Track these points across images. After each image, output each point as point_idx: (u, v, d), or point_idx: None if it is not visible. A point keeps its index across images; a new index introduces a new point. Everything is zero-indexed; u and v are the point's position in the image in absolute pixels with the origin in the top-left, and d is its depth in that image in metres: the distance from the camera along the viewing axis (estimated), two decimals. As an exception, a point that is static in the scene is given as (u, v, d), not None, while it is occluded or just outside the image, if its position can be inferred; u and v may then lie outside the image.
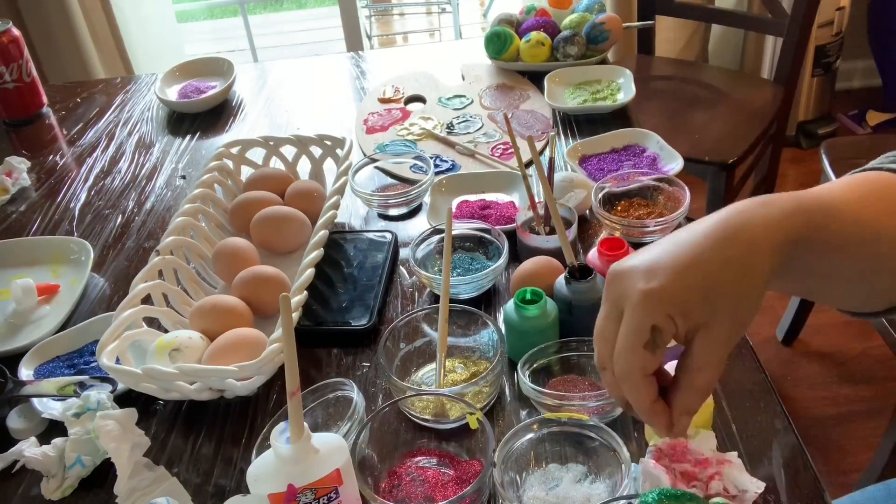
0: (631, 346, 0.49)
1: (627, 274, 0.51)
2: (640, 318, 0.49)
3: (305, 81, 1.49)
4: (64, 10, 2.15)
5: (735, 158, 1.66)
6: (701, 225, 0.51)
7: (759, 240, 0.49)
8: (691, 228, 0.51)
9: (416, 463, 0.71)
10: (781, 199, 0.51)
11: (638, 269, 0.50)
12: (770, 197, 0.52)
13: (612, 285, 0.52)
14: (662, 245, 0.51)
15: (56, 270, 1.05)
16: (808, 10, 1.74)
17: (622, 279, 0.51)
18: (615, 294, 0.51)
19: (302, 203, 1.02)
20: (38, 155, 1.34)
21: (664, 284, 0.48)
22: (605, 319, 0.52)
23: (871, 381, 1.76)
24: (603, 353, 0.52)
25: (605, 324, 0.52)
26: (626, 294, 0.50)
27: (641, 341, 0.49)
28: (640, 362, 0.50)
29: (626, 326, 0.50)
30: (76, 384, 0.80)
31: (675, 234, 0.52)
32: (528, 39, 1.35)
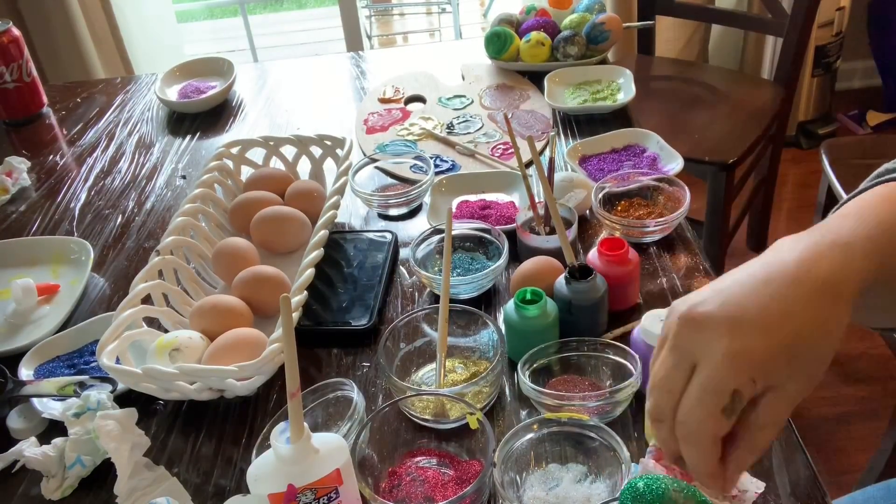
0: (708, 411, 0.45)
1: (706, 324, 0.45)
2: (724, 381, 0.44)
3: (305, 81, 1.49)
4: (64, 10, 2.15)
5: (735, 158, 1.66)
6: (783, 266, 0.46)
7: (844, 293, 0.45)
8: (772, 267, 0.46)
9: (416, 463, 0.71)
10: (857, 241, 0.47)
11: (720, 320, 0.45)
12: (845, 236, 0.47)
13: (685, 333, 0.46)
14: (744, 289, 0.46)
15: (56, 270, 1.05)
16: (808, 10, 1.75)
17: (699, 328, 0.45)
18: (689, 344, 0.46)
19: (302, 203, 1.02)
20: (38, 155, 1.34)
21: (754, 346, 0.44)
22: (673, 370, 0.46)
23: (871, 381, 1.76)
24: (664, 405, 0.47)
25: (670, 374, 0.47)
26: (705, 349, 0.45)
27: (720, 405, 0.44)
28: (715, 428, 0.45)
29: (704, 387, 0.45)
30: (76, 384, 0.80)
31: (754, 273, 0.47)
32: (528, 39, 1.35)
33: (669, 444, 0.48)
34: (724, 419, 0.45)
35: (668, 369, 0.47)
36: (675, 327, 0.47)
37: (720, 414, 0.45)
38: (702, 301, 0.46)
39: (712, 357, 0.44)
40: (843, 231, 0.48)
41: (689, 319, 0.46)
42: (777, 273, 0.46)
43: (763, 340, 0.44)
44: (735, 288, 0.46)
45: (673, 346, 0.47)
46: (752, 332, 0.44)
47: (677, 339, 0.46)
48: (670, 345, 0.47)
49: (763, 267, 0.47)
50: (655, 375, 0.48)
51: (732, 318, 0.45)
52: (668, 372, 0.47)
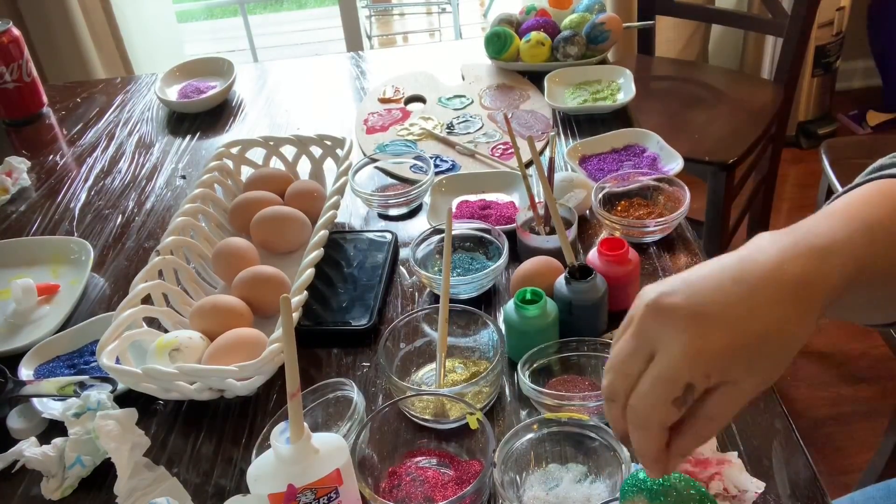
0: (659, 399, 0.45)
1: (670, 315, 0.45)
2: (678, 374, 0.44)
3: (305, 81, 1.49)
4: (64, 10, 2.15)
5: (735, 158, 1.66)
6: (756, 266, 0.46)
7: (814, 298, 0.45)
8: (746, 264, 0.46)
9: (416, 463, 0.71)
10: (836, 244, 0.46)
11: (683, 314, 0.45)
12: (823, 238, 0.47)
13: (649, 321, 0.46)
14: (713, 284, 0.46)
15: (56, 270, 1.05)
16: (808, 10, 1.74)
17: (663, 319, 0.46)
18: (650, 332, 0.46)
19: (302, 203, 1.02)
20: (38, 155, 1.34)
21: (713, 344, 0.44)
22: (631, 355, 0.47)
23: (871, 381, 1.76)
24: (617, 386, 0.48)
25: (629, 358, 0.47)
26: (666, 340, 0.45)
27: (672, 396, 0.45)
28: (664, 417, 0.46)
29: (658, 377, 0.45)
30: (76, 384, 0.80)
31: (727, 268, 0.46)
32: (528, 39, 1.35)
33: (619, 423, 0.49)
34: (674, 409, 0.46)
35: (627, 353, 0.47)
36: (641, 313, 0.47)
37: (671, 404, 0.45)
38: (670, 291, 0.46)
39: (671, 349, 0.45)
40: (823, 232, 0.47)
41: (654, 308, 0.46)
42: (749, 272, 0.46)
43: (724, 339, 0.44)
44: (705, 282, 0.46)
45: (635, 331, 0.47)
46: (714, 330, 0.44)
47: (640, 325, 0.47)
48: (633, 330, 0.47)
49: (737, 262, 0.47)
50: (615, 357, 0.48)
51: (696, 313, 0.45)
52: (626, 356, 0.47)
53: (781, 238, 0.47)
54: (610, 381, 0.49)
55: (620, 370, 0.48)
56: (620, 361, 0.48)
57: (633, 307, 0.49)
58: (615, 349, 0.49)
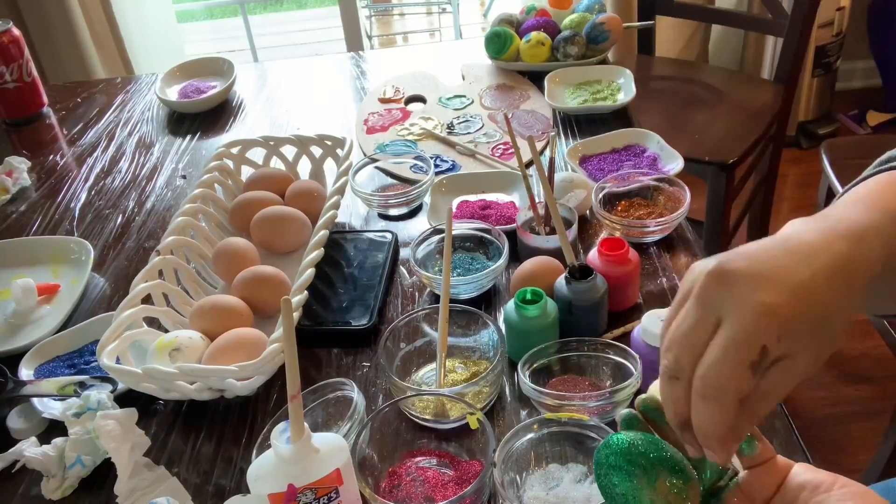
0: (735, 364, 0.43)
1: (737, 279, 0.44)
2: (755, 334, 0.43)
3: (305, 81, 1.49)
4: (64, 10, 2.15)
5: (735, 158, 1.66)
6: (803, 241, 0.46)
7: (858, 278, 0.45)
8: (792, 241, 0.46)
9: (417, 463, 0.71)
10: (869, 231, 0.47)
11: (752, 276, 0.44)
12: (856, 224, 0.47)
13: (713, 287, 0.44)
14: (771, 254, 0.45)
15: (56, 270, 1.05)
16: (808, 10, 1.74)
17: (729, 283, 0.44)
18: (717, 298, 0.44)
19: (302, 203, 1.02)
20: (38, 155, 1.34)
21: (785, 303, 0.43)
22: (697, 324, 0.44)
23: (871, 381, 1.76)
24: (683, 362, 0.45)
25: (691, 330, 0.45)
26: (736, 301, 0.43)
27: (749, 360, 0.43)
28: (739, 382, 0.43)
29: (732, 339, 0.43)
30: (76, 384, 0.80)
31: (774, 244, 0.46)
32: (529, 39, 1.35)
33: (681, 404, 0.46)
34: (750, 375, 0.43)
35: (690, 324, 0.45)
36: (703, 281, 0.45)
37: (747, 369, 0.43)
38: (730, 259, 0.45)
39: (743, 310, 0.43)
40: (854, 219, 0.48)
41: (718, 274, 0.44)
42: (797, 244, 0.45)
43: (793, 301, 0.43)
44: (762, 252, 0.45)
45: (698, 300, 0.45)
46: (784, 291, 0.43)
47: (704, 292, 0.44)
48: (696, 300, 0.45)
49: (784, 241, 0.46)
50: (676, 331, 0.46)
51: (764, 275, 0.44)
52: (690, 327, 0.45)
53: (818, 223, 0.47)
54: (674, 357, 0.46)
55: (684, 343, 0.45)
56: (683, 334, 0.45)
57: (687, 281, 0.47)
58: (674, 325, 0.46)
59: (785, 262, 0.44)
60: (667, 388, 0.47)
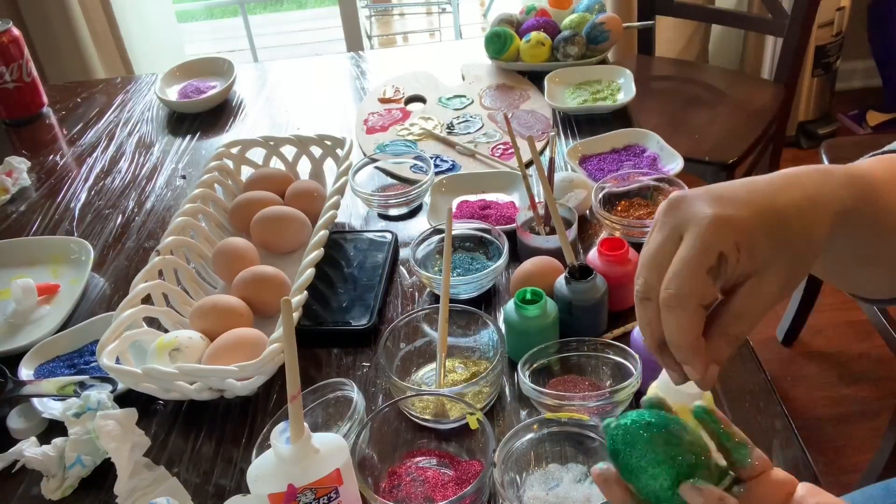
0: (694, 269, 0.45)
1: (693, 199, 0.47)
2: (709, 241, 0.45)
3: (305, 81, 1.49)
4: (64, 10, 2.15)
5: (735, 158, 1.66)
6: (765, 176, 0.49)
7: (823, 203, 0.48)
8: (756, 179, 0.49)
9: (416, 463, 0.71)
10: (837, 171, 0.50)
11: (705, 196, 0.47)
12: (827, 167, 0.50)
13: (672, 210, 0.48)
14: (727, 182, 0.49)
15: (56, 270, 1.05)
16: (808, 10, 1.74)
17: (686, 204, 0.47)
18: (675, 219, 0.47)
19: (302, 203, 1.02)
20: (38, 155, 1.34)
21: (737, 212, 0.46)
22: (660, 246, 0.47)
23: (871, 381, 1.76)
24: (652, 281, 0.47)
25: (658, 250, 0.47)
26: (692, 217, 0.46)
27: (707, 264, 0.45)
28: (701, 288, 0.45)
29: (690, 249, 0.45)
30: (76, 384, 0.80)
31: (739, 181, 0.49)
32: (529, 39, 1.35)
33: (654, 325, 0.48)
34: (709, 281, 0.45)
35: (655, 247, 0.48)
36: (664, 207, 0.48)
37: (705, 274, 0.45)
38: (692, 190, 0.49)
39: (699, 221, 0.45)
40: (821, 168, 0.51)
41: (676, 199, 0.48)
42: (761, 180, 0.49)
43: (747, 210, 0.46)
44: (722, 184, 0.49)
45: (661, 223, 0.48)
46: (738, 203, 0.46)
47: (664, 217, 0.48)
48: (658, 224, 0.48)
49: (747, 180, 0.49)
50: (644, 256, 0.48)
51: (718, 194, 0.47)
52: (654, 249, 0.48)
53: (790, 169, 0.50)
54: (643, 280, 0.48)
55: (651, 264, 0.47)
56: (649, 256, 0.48)
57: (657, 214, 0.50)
58: (644, 250, 0.49)
59: (736, 185, 0.48)
60: (641, 311, 0.49)
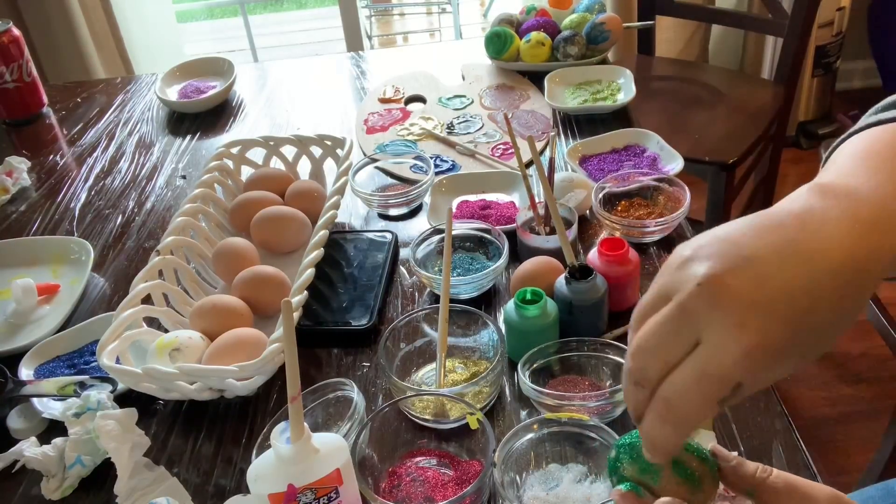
0: (705, 399, 0.39)
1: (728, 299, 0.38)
2: (732, 372, 0.38)
3: (305, 81, 1.49)
4: (64, 10, 2.15)
5: (735, 158, 1.66)
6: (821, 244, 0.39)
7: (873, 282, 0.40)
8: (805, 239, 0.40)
9: (417, 463, 0.71)
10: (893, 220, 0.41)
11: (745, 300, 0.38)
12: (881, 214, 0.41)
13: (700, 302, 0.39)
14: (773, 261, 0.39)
15: (56, 270, 1.05)
16: (808, 10, 1.74)
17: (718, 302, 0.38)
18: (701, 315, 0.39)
19: (302, 203, 1.02)
20: (38, 155, 1.34)
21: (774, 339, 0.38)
22: (673, 338, 0.40)
23: (871, 381, 1.76)
24: (651, 373, 0.41)
25: (667, 341, 0.40)
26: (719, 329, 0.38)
27: (720, 396, 0.39)
28: (704, 414, 0.40)
29: (707, 373, 0.39)
30: (76, 384, 0.80)
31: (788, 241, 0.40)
32: (529, 39, 1.35)
33: (641, 408, 0.42)
34: (717, 408, 0.40)
35: (665, 335, 0.40)
36: (690, 291, 0.39)
37: (716, 403, 0.39)
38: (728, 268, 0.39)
39: (725, 343, 0.38)
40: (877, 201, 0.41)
41: (710, 288, 0.39)
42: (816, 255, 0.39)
43: (785, 335, 0.38)
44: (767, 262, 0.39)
45: (681, 310, 0.39)
46: (776, 324, 0.38)
47: (688, 304, 0.39)
48: (677, 308, 0.39)
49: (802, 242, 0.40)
50: (649, 335, 0.40)
51: (759, 304, 0.38)
52: (666, 337, 0.40)
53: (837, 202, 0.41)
54: (641, 364, 0.41)
55: (656, 353, 0.40)
56: (657, 344, 0.40)
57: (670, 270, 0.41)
58: (649, 327, 0.41)
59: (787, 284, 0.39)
60: (629, 392, 0.43)
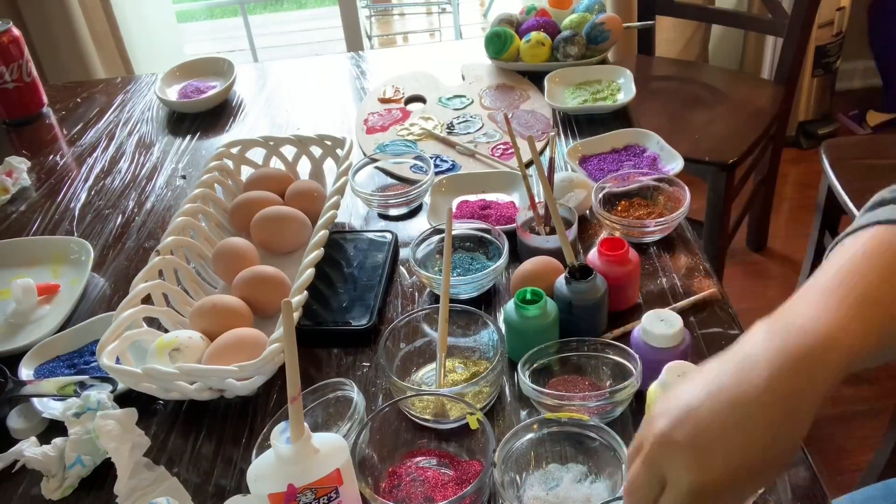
0: None
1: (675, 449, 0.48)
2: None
3: (305, 81, 1.49)
4: (64, 10, 2.15)
5: (735, 158, 1.66)
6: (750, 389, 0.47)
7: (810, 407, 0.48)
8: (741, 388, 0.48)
9: (417, 463, 0.71)
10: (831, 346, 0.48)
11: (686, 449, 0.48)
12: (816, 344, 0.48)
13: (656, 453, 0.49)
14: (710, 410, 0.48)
15: (56, 270, 1.05)
16: (808, 10, 1.75)
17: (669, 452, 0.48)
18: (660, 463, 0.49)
19: (302, 203, 1.02)
20: (38, 155, 1.34)
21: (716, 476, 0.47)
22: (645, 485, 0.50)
23: (871, 381, 1.76)
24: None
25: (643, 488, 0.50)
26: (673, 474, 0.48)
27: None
28: None
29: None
30: (76, 384, 0.80)
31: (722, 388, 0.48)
32: (529, 39, 1.35)
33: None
34: None
35: (641, 482, 0.50)
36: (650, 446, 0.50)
37: None
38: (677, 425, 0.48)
39: (678, 485, 0.48)
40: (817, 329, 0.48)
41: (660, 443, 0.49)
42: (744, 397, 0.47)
43: (725, 471, 0.47)
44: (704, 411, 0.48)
45: (646, 462, 0.50)
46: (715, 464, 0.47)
47: (650, 457, 0.50)
48: (644, 460, 0.50)
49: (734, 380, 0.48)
50: (631, 484, 0.51)
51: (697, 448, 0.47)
52: (641, 485, 0.50)
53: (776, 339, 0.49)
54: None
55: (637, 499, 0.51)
56: (636, 490, 0.51)
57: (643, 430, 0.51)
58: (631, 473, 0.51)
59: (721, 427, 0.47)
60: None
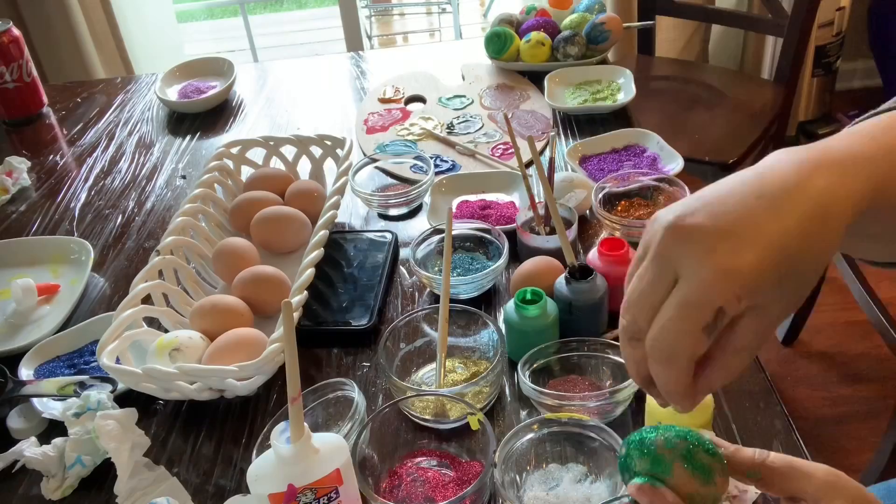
0: (688, 327, 0.41)
1: (695, 235, 0.41)
2: (710, 297, 0.41)
3: (305, 81, 1.49)
4: (64, 10, 2.15)
5: (735, 158, 1.66)
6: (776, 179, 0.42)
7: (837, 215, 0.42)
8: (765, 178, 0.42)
9: (417, 463, 0.71)
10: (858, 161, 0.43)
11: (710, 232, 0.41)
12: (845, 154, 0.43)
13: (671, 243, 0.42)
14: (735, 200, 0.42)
15: (56, 270, 1.04)
16: (808, 10, 1.74)
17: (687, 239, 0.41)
18: (672, 255, 0.42)
19: (302, 203, 1.02)
20: (38, 155, 1.34)
21: (745, 261, 0.40)
22: (654, 283, 0.42)
23: (871, 381, 1.76)
24: (641, 321, 0.43)
25: (648, 289, 0.43)
26: (692, 262, 0.41)
27: (702, 322, 0.41)
28: (693, 347, 0.42)
29: (686, 302, 0.41)
30: (76, 384, 0.80)
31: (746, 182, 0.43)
32: (529, 39, 1.35)
33: (642, 366, 0.45)
34: (704, 338, 0.42)
35: (648, 282, 0.43)
36: (660, 237, 0.42)
37: (700, 332, 0.42)
38: (691, 212, 0.42)
39: (699, 271, 0.41)
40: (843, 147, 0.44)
41: (676, 229, 0.42)
42: (770, 185, 0.42)
43: (755, 256, 0.40)
44: (727, 199, 0.42)
45: (655, 257, 0.43)
46: (744, 247, 0.40)
47: (661, 249, 0.42)
48: (653, 256, 0.43)
49: (757, 177, 0.43)
50: (634, 289, 0.44)
51: (723, 231, 0.41)
52: (647, 285, 0.43)
53: (800, 153, 0.44)
54: (632, 318, 0.44)
55: (642, 303, 0.43)
56: (640, 293, 0.43)
57: (647, 234, 0.44)
58: (633, 283, 0.44)
59: (749, 213, 0.41)
60: (627, 350, 0.46)
